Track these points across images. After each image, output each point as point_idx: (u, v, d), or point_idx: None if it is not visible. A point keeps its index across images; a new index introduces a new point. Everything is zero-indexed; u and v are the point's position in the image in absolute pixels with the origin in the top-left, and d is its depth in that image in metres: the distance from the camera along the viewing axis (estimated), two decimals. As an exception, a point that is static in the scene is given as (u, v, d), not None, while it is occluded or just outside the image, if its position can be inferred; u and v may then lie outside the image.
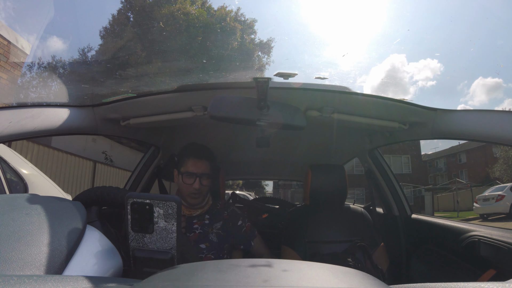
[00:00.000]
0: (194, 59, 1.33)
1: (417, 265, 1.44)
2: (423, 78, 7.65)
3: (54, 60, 3.76)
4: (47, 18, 3.05)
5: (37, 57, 3.81)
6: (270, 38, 1.86)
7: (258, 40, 2.03)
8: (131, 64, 1.68)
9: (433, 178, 16.44)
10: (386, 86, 1.83)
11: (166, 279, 0.34)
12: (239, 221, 1.26)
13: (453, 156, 16.22)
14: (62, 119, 0.99)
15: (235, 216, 1.26)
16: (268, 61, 1.94)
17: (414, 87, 6.81)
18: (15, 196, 0.50)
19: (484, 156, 14.88)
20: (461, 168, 15.64)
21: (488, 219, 9.21)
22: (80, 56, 3.25)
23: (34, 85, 3.27)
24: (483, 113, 0.94)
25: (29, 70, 3.79)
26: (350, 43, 1.09)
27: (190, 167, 1.16)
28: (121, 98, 1.11)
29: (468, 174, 14.86)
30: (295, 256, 1.30)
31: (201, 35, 1.90)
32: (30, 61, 3.66)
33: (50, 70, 3.69)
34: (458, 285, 0.32)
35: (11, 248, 0.38)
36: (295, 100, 1.09)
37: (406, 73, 4.54)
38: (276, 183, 9.26)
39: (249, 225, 1.28)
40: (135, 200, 0.51)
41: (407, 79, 4.18)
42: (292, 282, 0.33)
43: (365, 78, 1.12)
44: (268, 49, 1.92)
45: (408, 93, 7.66)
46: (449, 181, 15.00)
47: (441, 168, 16.70)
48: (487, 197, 9.54)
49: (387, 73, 3.02)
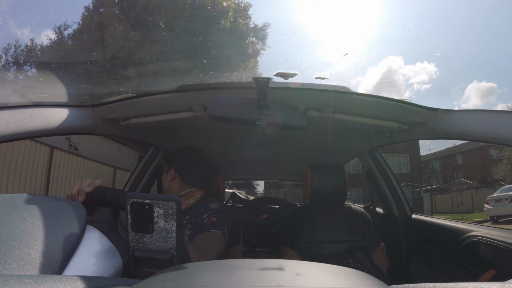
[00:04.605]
0: (194, 59, 1.32)
1: (417, 265, 1.44)
2: (419, 81, 7.58)
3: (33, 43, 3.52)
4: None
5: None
6: (266, 23, 1.82)
7: (253, 24, 2.00)
8: (131, 64, 1.68)
9: (428, 180, 16.32)
10: (388, 87, 1.81)
11: (166, 279, 0.34)
12: (205, 215, 1.08)
13: (449, 157, 16.07)
14: (62, 119, 0.99)
15: (205, 211, 1.10)
16: (262, 46, 1.90)
17: (410, 90, 6.79)
18: (14, 196, 0.50)
19: (481, 158, 14.77)
20: (457, 169, 15.49)
21: (498, 221, 8.59)
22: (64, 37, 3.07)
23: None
24: (483, 113, 0.94)
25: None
26: (350, 43, 1.09)
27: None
28: (121, 98, 1.11)
29: (465, 176, 14.71)
30: (295, 256, 1.30)
31: (188, 11, 1.85)
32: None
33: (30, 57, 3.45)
34: (458, 285, 0.32)
35: (11, 248, 0.38)
36: (295, 100, 1.09)
37: (402, 75, 4.54)
38: (268, 183, 9.04)
39: (212, 220, 1.05)
40: (135, 200, 0.51)
41: (402, 81, 4.17)
42: (292, 282, 0.33)
43: (363, 78, 1.12)
44: (263, 35, 1.88)
45: (404, 95, 7.57)
46: (453, 181, 14.77)
47: (436, 170, 16.58)
48: (500, 197, 8.93)
49: (383, 74, 3.03)
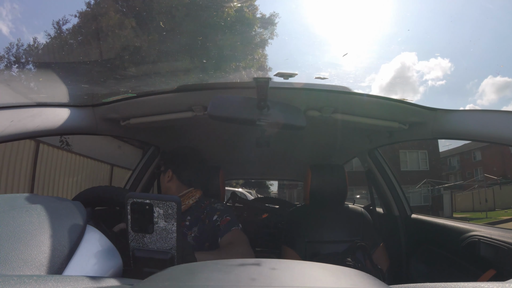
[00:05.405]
0: (194, 59, 1.31)
1: (417, 265, 1.44)
2: (433, 77, 7.48)
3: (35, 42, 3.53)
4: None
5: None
6: (274, 13, 1.79)
7: (260, 14, 1.95)
8: (131, 64, 1.68)
9: (446, 177, 15.85)
10: (402, 85, 1.82)
11: (166, 279, 0.34)
12: (215, 216, 1.09)
13: (467, 153, 15.19)
14: (62, 119, 0.99)
15: (212, 212, 1.11)
16: (270, 35, 1.86)
17: (424, 86, 6.71)
18: (15, 196, 0.50)
19: (501, 153, 14.15)
20: (476, 166, 14.64)
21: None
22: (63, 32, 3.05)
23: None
24: (483, 113, 0.94)
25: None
26: (350, 42, 1.09)
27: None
28: (121, 98, 1.11)
29: (484, 172, 14.21)
30: (295, 256, 1.30)
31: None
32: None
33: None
34: (458, 285, 0.32)
35: (11, 248, 0.38)
36: (295, 100, 1.09)
37: (416, 71, 4.52)
38: (282, 183, 9.01)
39: (226, 219, 1.08)
40: (135, 200, 0.51)
41: (416, 78, 4.17)
42: (291, 282, 0.33)
43: (377, 76, 1.12)
44: (271, 25, 1.85)
45: (418, 92, 7.50)
46: (473, 178, 14.26)
47: (454, 166, 15.99)
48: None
49: (397, 71, 3.01)
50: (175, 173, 1.18)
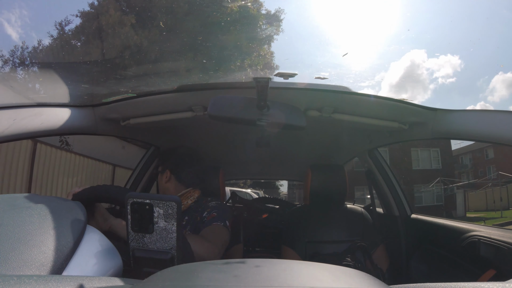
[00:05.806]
0: (195, 58, 1.31)
1: (417, 265, 1.44)
2: (443, 75, 7.42)
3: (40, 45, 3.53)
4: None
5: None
6: (279, 9, 1.76)
7: (265, 11, 1.92)
8: (132, 64, 1.67)
9: (458, 175, 15.48)
10: (412, 82, 1.82)
11: (166, 279, 0.34)
12: (205, 213, 1.09)
13: (479, 151, 14.55)
14: (62, 119, 0.99)
15: (205, 209, 1.11)
16: (276, 31, 1.83)
17: (435, 84, 6.66)
18: (15, 196, 0.50)
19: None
20: (489, 164, 14.16)
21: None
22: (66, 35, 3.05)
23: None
24: (483, 113, 0.94)
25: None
26: (357, 42, 1.09)
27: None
28: (121, 98, 1.11)
29: (497, 171, 13.86)
30: (295, 256, 1.30)
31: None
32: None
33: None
34: (458, 285, 0.32)
35: (11, 248, 0.38)
36: (295, 100, 1.09)
37: (426, 69, 4.51)
38: (292, 183, 8.87)
39: (212, 215, 1.06)
40: (135, 200, 0.51)
41: (426, 75, 4.17)
42: (291, 282, 0.33)
43: (386, 74, 1.12)
44: (277, 21, 1.82)
45: (428, 90, 7.42)
46: (486, 176, 13.74)
47: (466, 165, 15.49)
48: None
49: (407, 69, 3.01)
50: (173, 173, 1.18)
